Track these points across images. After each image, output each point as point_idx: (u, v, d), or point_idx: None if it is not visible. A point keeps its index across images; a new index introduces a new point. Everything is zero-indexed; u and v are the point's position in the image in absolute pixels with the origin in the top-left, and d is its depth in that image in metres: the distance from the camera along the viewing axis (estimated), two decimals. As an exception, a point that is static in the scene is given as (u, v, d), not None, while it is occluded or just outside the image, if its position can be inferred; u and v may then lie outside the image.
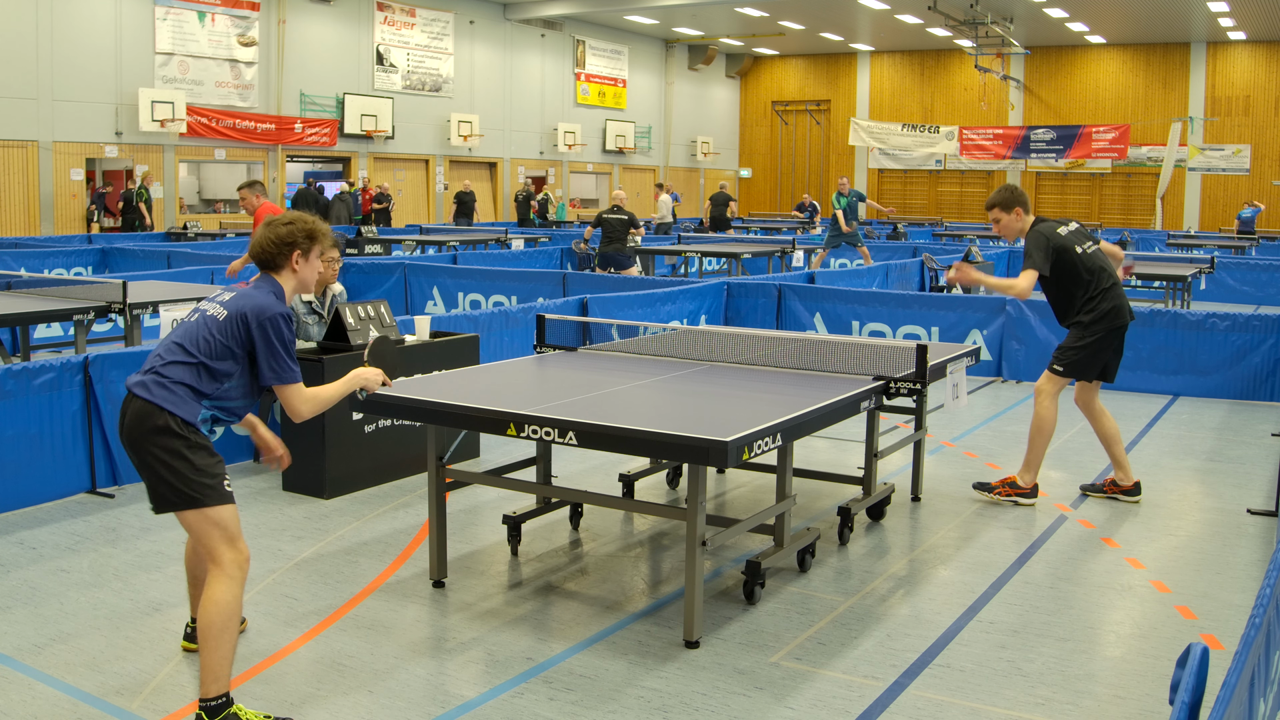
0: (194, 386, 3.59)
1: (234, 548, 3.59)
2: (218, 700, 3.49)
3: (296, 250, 3.80)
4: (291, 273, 3.83)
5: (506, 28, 30.28)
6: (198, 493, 3.54)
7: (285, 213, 3.95)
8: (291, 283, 3.85)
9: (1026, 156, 34.77)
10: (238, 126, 23.49)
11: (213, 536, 3.57)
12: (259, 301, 3.66)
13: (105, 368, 6.29)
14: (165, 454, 3.53)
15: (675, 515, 4.77)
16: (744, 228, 27.32)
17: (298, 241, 3.80)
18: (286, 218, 3.85)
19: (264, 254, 3.79)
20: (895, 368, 5.49)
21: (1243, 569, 5.25)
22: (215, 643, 3.48)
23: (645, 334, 7.45)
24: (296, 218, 3.85)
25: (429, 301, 13.43)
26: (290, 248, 3.79)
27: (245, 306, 3.65)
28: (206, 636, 3.48)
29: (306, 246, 3.82)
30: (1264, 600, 2.51)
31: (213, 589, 3.53)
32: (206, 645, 3.49)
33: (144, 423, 3.55)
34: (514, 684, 3.96)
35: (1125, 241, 23.31)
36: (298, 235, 3.80)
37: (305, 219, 3.85)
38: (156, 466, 3.54)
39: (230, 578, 3.55)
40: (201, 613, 3.51)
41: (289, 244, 3.79)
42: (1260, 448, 7.74)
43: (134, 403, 3.58)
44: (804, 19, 32.21)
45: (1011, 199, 6.20)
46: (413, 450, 6.57)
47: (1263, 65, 31.92)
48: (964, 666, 4.15)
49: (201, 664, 3.50)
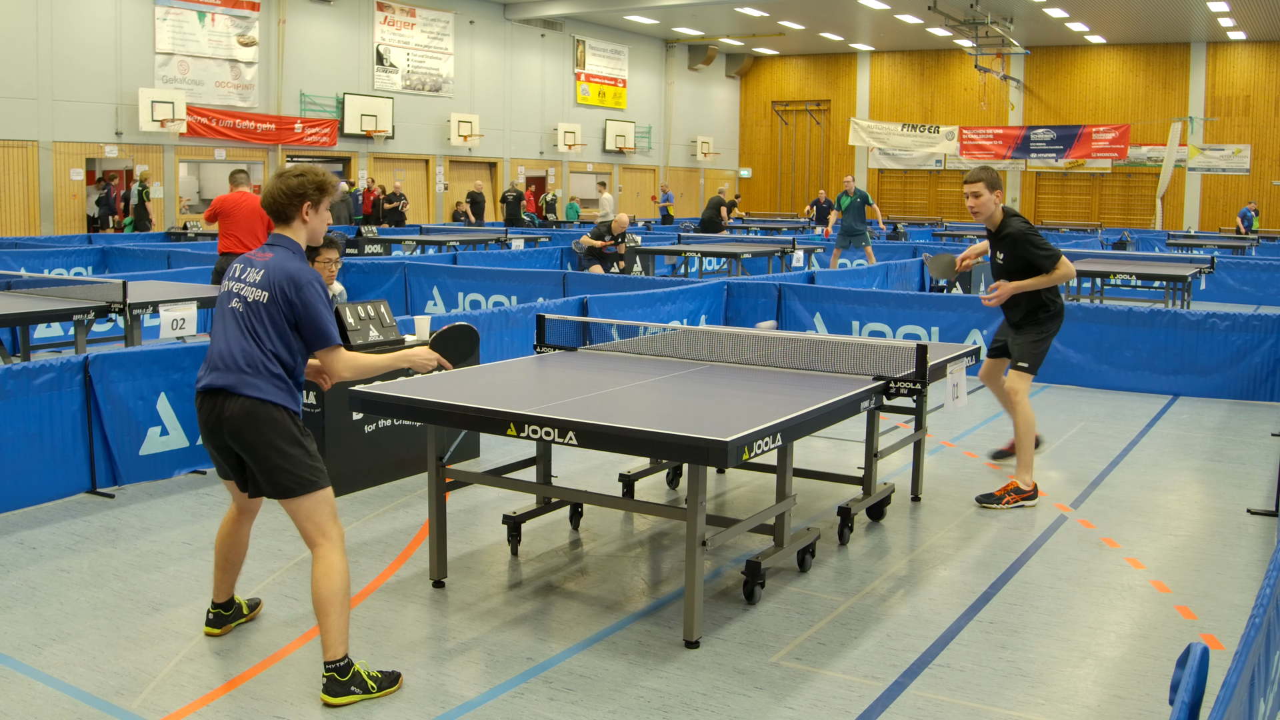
0: (290, 377, 3.83)
1: (338, 522, 3.86)
2: (344, 661, 3.74)
3: (306, 202, 3.90)
4: (302, 224, 3.93)
5: (506, 28, 30.28)
6: (314, 476, 3.79)
7: (297, 165, 4.05)
8: (303, 234, 3.95)
9: (1026, 156, 34.78)
10: (238, 126, 23.49)
11: (323, 514, 3.81)
12: (290, 270, 3.79)
13: (105, 368, 6.29)
14: (283, 444, 3.76)
15: (675, 515, 4.77)
16: (744, 228, 27.31)
17: (308, 193, 3.90)
18: (297, 169, 3.95)
19: (275, 205, 3.90)
20: (895, 368, 5.49)
21: (1243, 569, 5.25)
22: (340, 608, 3.73)
23: (645, 334, 7.45)
24: (307, 169, 3.95)
25: (429, 301, 13.43)
26: (300, 199, 3.89)
27: (281, 279, 3.77)
28: (331, 603, 3.72)
29: (316, 198, 3.92)
30: (1264, 600, 2.51)
31: (329, 560, 3.77)
32: (332, 611, 3.72)
33: (257, 419, 3.74)
34: (514, 684, 3.96)
35: (1125, 241, 23.31)
36: (308, 187, 3.90)
37: (316, 170, 3.96)
38: (274, 457, 3.75)
39: (340, 549, 3.81)
40: (323, 583, 3.72)
41: (299, 195, 3.89)
42: (1260, 448, 7.74)
43: (238, 400, 3.75)
44: (804, 19, 32.22)
45: (996, 180, 6.24)
46: (413, 450, 6.57)
47: (1263, 65, 31.93)
48: (964, 666, 4.15)
49: (325, 630, 3.73)
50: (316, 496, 3.80)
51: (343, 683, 3.73)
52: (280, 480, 3.77)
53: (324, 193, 3.95)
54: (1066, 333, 10.12)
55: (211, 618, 4.31)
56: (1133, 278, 14.93)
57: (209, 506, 6.08)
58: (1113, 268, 14.75)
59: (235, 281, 3.89)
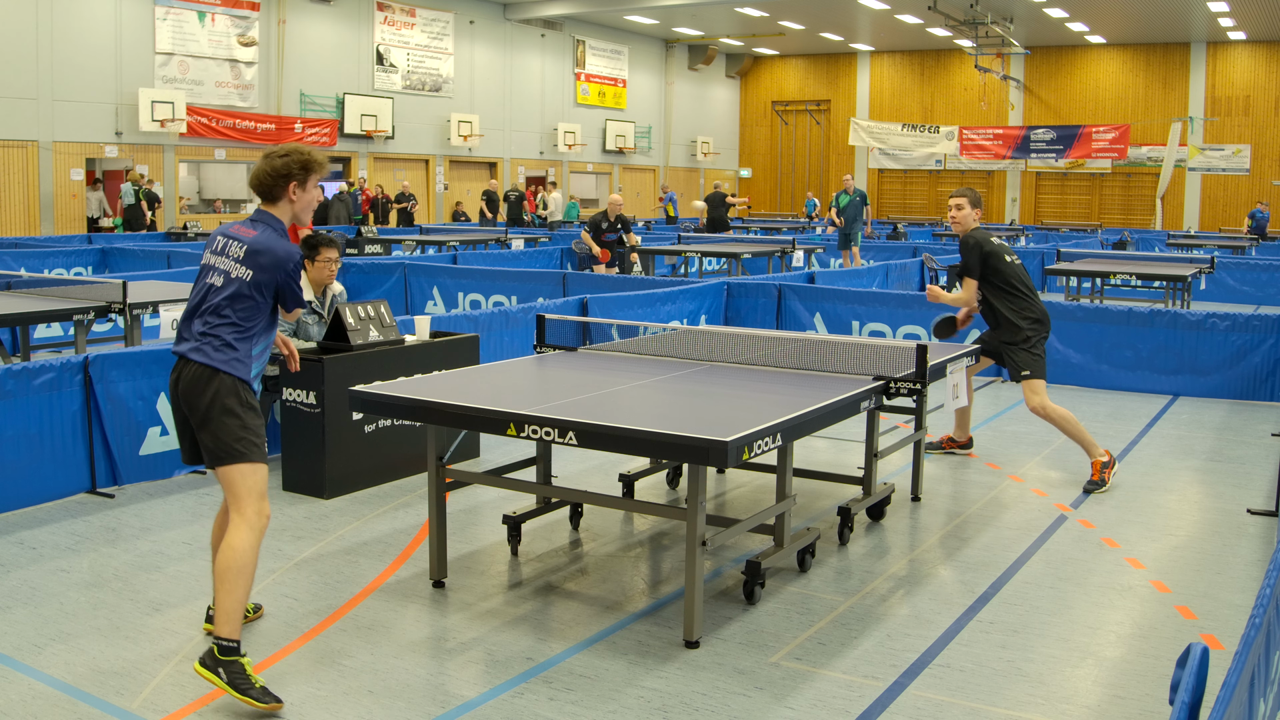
0: (245, 350, 3.93)
1: (261, 502, 3.87)
2: (230, 643, 3.73)
3: (293, 181, 4.05)
4: (289, 203, 4.07)
5: (506, 28, 30.29)
6: (244, 448, 3.85)
7: (283, 144, 4.19)
8: (288, 213, 4.09)
9: (1026, 156, 34.78)
10: (238, 126, 23.49)
11: (245, 487, 3.85)
12: (277, 251, 3.94)
13: (105, 368, 6.28)
14: (219, 411, 3.84)
15: (675, 515, 4.77)
16: (744, 228, 27.31)
17: (293, 173, 4.04)
18: (283, 149, 4.08)
19: (262, 184, 4.05)
20: (895, 368, 5.49)
21: (1243, 569, 5.25)
22: (230, 586, 3.75)
23: (645, 334, 7.45)
24: (293, 149, 4.08)
25: (429, 301, 13.44)
26: (286, 179, 4.04)
27: (267, 262, 3.93)
28: (223, 579, 3.75)
29: (302, 177, 4.06)
30: (1264, 600, 2.51)
31: (233, 536, 3.79)
32: (222, 588, 3.75)
33: (203, 384, 3.85)
34: (514, 684, 3.96)
35: (1125, 241, 23.31)
36: (293, 166, 4.03)
37: (301, 149, 4.09)
38: (209, 423, 3.85)
39: (251, 528, 3.82)
40: (220, 557, 3.76)
41: (285, 175, 4.04)
42: (1260, 448, 7.74)
43: (189, 366, 3.88)
44: (804, 19, 32.22)
45: (978, 199, 6.84)
46: (413, 450, 6.57)
47: (1263, 65, 31.93)
48: (964, 666, 4.15)
49: (216, 605, 3.77)
50: (242, 469, 3.84)
51: (219, 660, 3.69)
52: (209, 444, 3.86)
53: (309, 171, 4.07)
54: (1067, 333, 10.14)
55: (211, 615, 4.30)
56: (1133, 278, 14.93)
57: (209, 506, 6.07)
58: (1113, 268, 14.76)
59: (217, 255, 3.99)
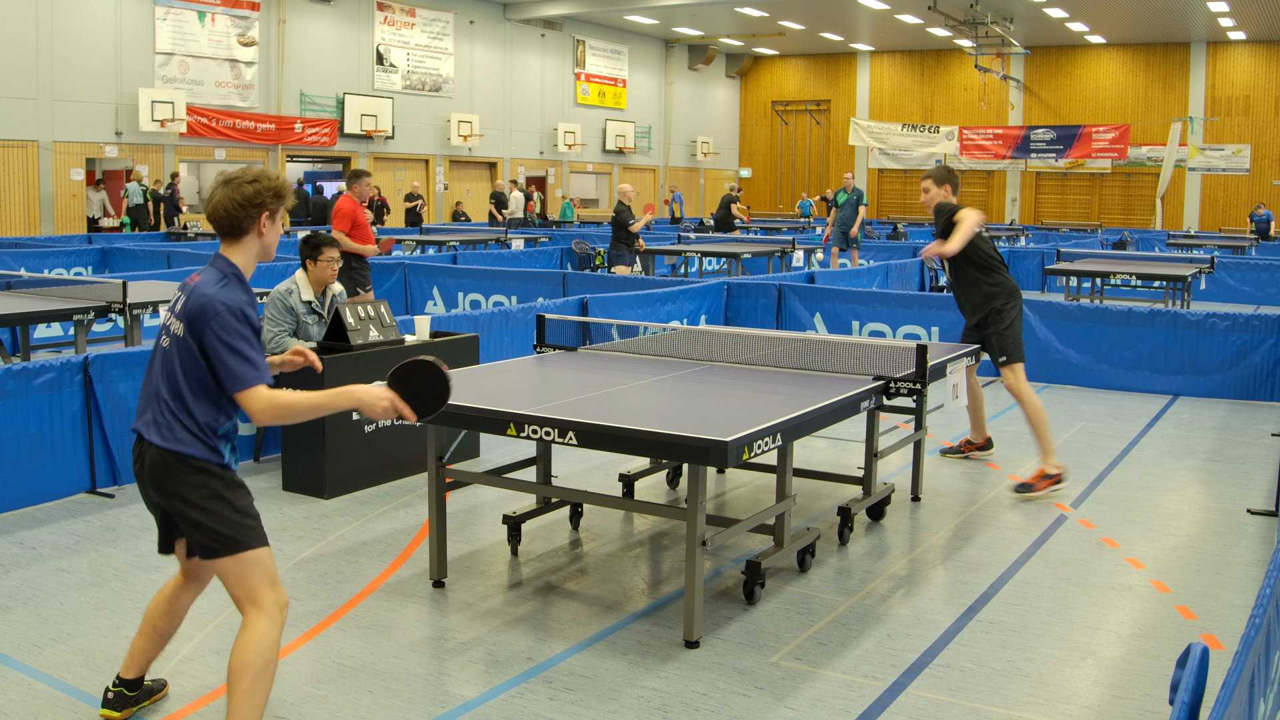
0: (212, 427, 3.27)
1: (275, 589, 3.30)
2: None
3: (265, 212, 3.34)
4: (257, 237, 3.36)
5: (506, 28, 30.29)
6: (241, 535, 3.25)
7: (247, 169, 3.42)
8: (255, 250, 3.37)
9: (1026, 156, 34.78)
10: (238, 126, 23.50)
11: (254, 578, 3.26)
12: (203, 299, 3.21)
13: (105, 368, 6.29)
14: (201, 499, 3.23)
15: (675, 515, 4.77)
16: (744, 228, 27.32)
17: (265, 202, 3.33)
18: (250, 174, 3.35)
19: (228, 217, 3.30)
20: (895, 368, 5.49)
21: (1243, 569, 5.25)
22: (251, 688, 3.16)
23: (645, 334, 7.45)
24: (260, 174, 3.37)
25: (429, 301, 13.44)
26: (258, 209, 3.32)
27: (192, 310, 3.23)
28: (241, 680, 3.16)
29: (274, 206, 3.36)
30: (1264, 600, 2.51)
31: (254, 628, 3.22)
32: (240, 690, 3.15)
33: (171, 471, 3.24)
34: (514, 684, 3.96)
35: (1125, 241, 23.30)
36: (265, 194, 3.33)
37: (269, 175, 3.38)
38: (191, 514, 3.24)
39: (272, 619, 3.25)
40: (238, 653, 3.19)
41: (257, 205, 3.32)
42: (1260, 448, 7.74)
43: (149, 450, 3.26)
44: (804, 19, 32.22)
45: (946, 176, 6.86)
46: (413, 450, 6.57)
47: (1263, 65, 31.93)
48: (964, 666, 4.15)
49: (229, 707, 3.17)
50: (244, 559, 3.24)
51: None
52: (199, 539, 3.26)
53: (282, 199, 3.37)
54: (1067, 333, 10.15)
55: (111, 697, 3.60)
56: (1133, 278, 14.93)
57: (209, 506, 6.07)
58: (1113, 268, 14.76)
59: (169, 311, 3.34)
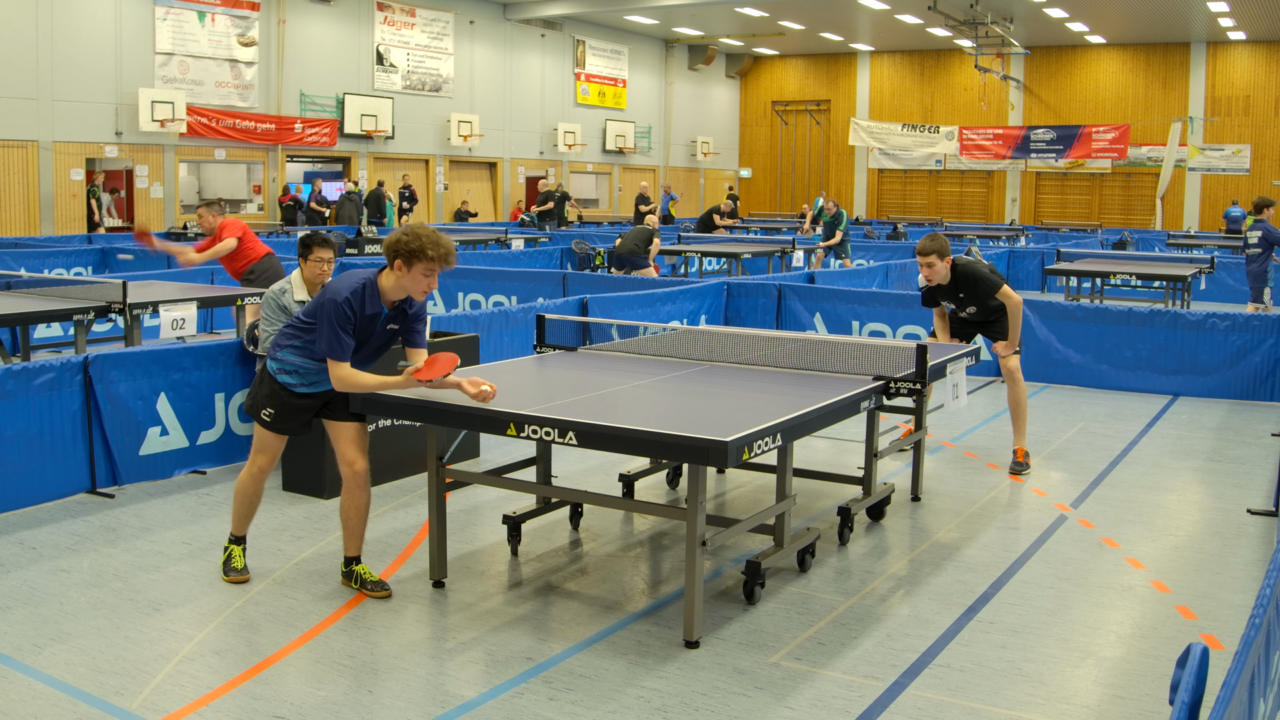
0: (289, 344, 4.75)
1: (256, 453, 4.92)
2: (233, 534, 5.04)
3: (398, 259, 4.49)
4: (392, 272, 4.54)
5: (506, 28, 30.28)
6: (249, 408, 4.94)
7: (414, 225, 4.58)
8: (390, 281, 4.56)
9: (1026, 156, 34.75)
10: (238, 126, 23.48)
11: None
12: (332, 288, 4.55)
13: (105, 368, 6.28)
14: None
15: (675, 515, 4.77)
16: (744, 228, 27.32)
17: (399, 252, 4.50)
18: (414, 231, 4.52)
19: (384, 251, 4.62)
20: (895, 368, 5.49)
21: (1243, 569, 5.25)
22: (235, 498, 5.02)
23: (645, 334, 7.45)
24: (416, 234, 4.51)
25: (429, 301, 13.43)
26: (393, 255, 4.51)
27: (324, 290, 4.60)
28: None
29: (408, 260, 4.49)
30: (1264, 600, 2.51)
31: None
32: None
33: None
34: (514, 684, 3.96)
35: (1125, 241, 23.31)
36: (401, 249, 4.48)
37: (421, 236, 4.48)
38: None
39: (249, 463, 4.96)
40: None
41: (393, 252, 4.51)
42: (1260, 448, 7.74)
43: None
44: (804, 19, 32.20)
45: (946, 249, 6.97)
46: (413, 450, 6.57)
47: (1263, 65, 31.92)
48: (964, 666, 4.15)
49: None
50: None
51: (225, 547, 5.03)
52: None
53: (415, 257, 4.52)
54: (1067, 333, 10.15)
55: None
56: (1133, 278, 14.93)
57: (209, 506, 6.08)
58: (1113, 268, 14.75)
59: None
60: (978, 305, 7.02)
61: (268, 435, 4.85)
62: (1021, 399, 7.06)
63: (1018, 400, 7.05)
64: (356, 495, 4.81)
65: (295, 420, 4.85)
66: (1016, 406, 7.06)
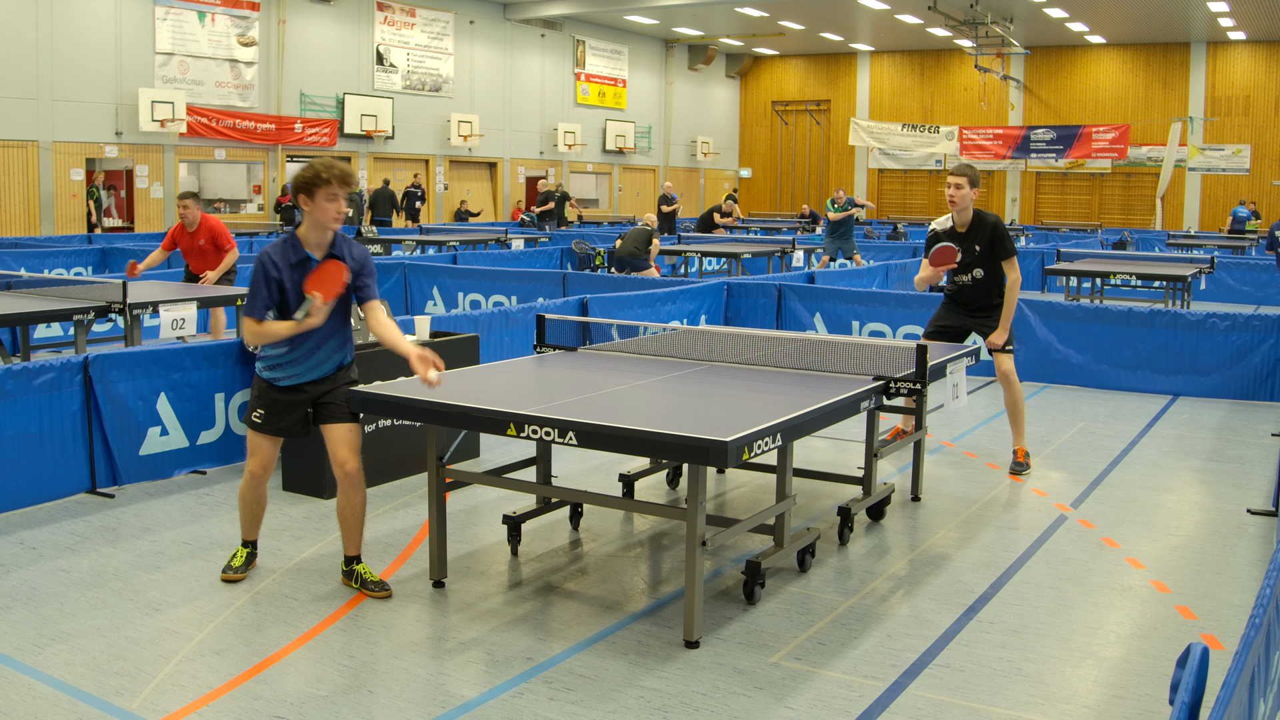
0: None
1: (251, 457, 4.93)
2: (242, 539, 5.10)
3: (301, 195, 4.60)
4: (305, 216, 4.64)
5: (506, 28, 30.28)
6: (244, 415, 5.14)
7: None
8: (305, 225, 4.66)
9: (1026, 156, 34.77)
10: (238, 126, 23.49)
11: None
12: None
13: (105, 368, 6.28)
14: None
15: (675, 515, 4.77)
16: (744, 228, 27.32)
17: (300, 189, 4.61)
18: None
19: None
20: (895, 368, 5.49)
21: (1243, 569, 5.25)
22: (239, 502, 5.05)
23: (645, 334, 7.45)
24: (310, 165, 4.62)
25: (429, 301, 13.43)
26: (296, 194, 4.63)
27: None
28: None
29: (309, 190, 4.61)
30: (1264, 600, 2.51)
31: None
32: None
33: None
34: (514, 684, 3.96)
35: (1125, 241, 23.30)
36: (301, 185, 4.60)
37: (315, 165, 4.61)
38: None
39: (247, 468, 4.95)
40: None
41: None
42: (1260, 448, 7.74)
43: None
44: (804, 19, 32.21)
45: (978, 178, 6.94)
46: (413, 450, 6.57)
47: (1263, 65, 31.93)
48: (964, 666, 4.15)
49: None
50: None
51: None
52: None
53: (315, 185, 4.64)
54: (1067, 333, 10.15)
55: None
56: (1133, 278, 14.93)
57: (209, 507, 6.08)
58: (1113, 268, 14.76)
59: None
60: (984, 267, 6.87)
61: (259, 439, 4.87)
62: (1018, 401, 7.04)
63: (1014, 403, 7.03)
64: (351, 495, 4.81)
65: (286, 419, 4.83)
66: (1014, 409, 7.05)
